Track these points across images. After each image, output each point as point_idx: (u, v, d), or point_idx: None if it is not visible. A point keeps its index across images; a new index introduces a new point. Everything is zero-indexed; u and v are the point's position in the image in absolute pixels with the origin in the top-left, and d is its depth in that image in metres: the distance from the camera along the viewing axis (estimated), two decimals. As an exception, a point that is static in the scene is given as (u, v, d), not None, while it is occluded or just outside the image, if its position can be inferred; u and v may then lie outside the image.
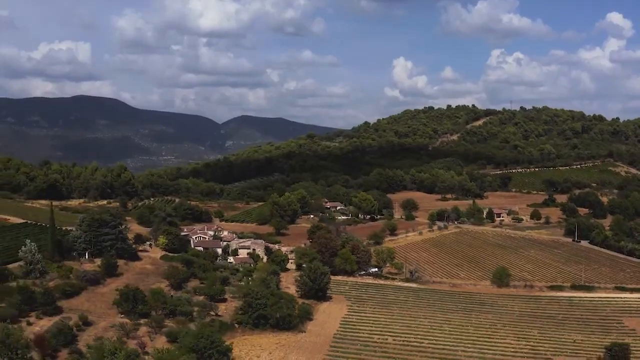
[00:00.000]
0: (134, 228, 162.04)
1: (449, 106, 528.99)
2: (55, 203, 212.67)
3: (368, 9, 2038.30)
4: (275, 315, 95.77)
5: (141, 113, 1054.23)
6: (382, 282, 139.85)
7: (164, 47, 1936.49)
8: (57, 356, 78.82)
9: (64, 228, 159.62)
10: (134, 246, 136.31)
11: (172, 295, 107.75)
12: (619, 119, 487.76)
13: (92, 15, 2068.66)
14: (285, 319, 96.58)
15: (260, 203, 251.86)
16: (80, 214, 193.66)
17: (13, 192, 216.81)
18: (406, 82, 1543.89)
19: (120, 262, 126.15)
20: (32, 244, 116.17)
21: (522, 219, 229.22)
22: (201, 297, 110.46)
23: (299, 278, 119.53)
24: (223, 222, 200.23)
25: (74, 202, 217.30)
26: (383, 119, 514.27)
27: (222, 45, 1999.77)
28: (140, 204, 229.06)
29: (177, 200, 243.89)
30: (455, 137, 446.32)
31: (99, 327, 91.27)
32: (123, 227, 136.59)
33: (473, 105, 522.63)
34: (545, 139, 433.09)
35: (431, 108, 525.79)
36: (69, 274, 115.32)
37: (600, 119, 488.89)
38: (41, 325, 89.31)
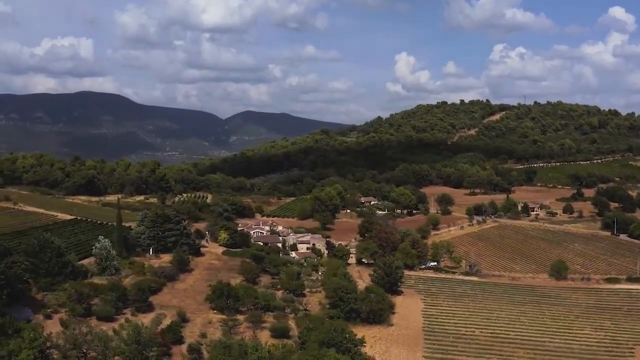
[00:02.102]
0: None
1: (462, 101, 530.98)
2: (94, 199, 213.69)
3: (371, 4, 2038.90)
4: (366, 309, 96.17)
5: (145, 109, 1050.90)
6: (443, 275, 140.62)
7: (167, 43, 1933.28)
8: (171, 354, 78.73)
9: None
10: (196, 242, 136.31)
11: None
12: (634, 114, 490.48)
13: (94, 11, 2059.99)
14: (376, 312, 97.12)
15: (292, 198, 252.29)
16: (125, 210, 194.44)
17: (50, 188, 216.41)
18: (408, 77, 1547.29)
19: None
20: (106, 240, 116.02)
21: (556, 213, 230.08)
22: (279, 292, 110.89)
23: (372, 272, 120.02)
24: (265, 217, 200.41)
25: (112, 198, 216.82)
26: (396, 113, 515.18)
27: (224, 41, 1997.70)
28: (176, 199, 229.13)
29: (209, 195, 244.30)
30: (472, 131, 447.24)
31: (197, 324, 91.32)
32: (186, 222, 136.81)
33: (487, 100, 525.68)
34: (563, 133, 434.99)
35: (444, 103, 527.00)
36: (144, 270, 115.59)
37: (616, 113, 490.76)
38: (141, 322, 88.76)
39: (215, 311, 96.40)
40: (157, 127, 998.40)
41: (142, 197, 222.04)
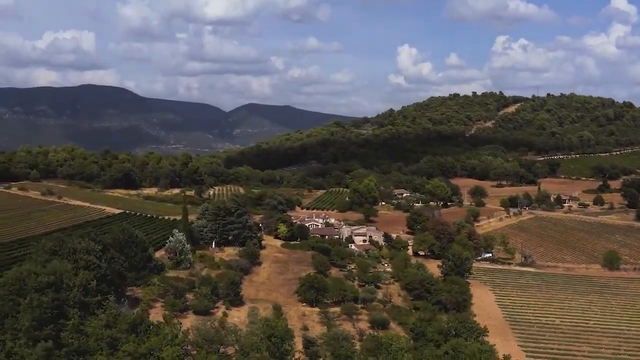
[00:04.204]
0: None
1: (474, 93, 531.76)
2: (132, 192, 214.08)
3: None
4: (452, 300, 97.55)
5: (149, 102, 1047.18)
6: (500, 266, 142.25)
7: (169, 35, 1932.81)
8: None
9: (169, 218, 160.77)
10: (258, 235, 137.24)
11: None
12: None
13: (96, 4, 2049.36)
14: (461, 303, 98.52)
15: (322, 191, 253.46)
16: (167, 203, 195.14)
17: (86, 181, 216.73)
18: (410, 69, 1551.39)
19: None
20: (181, 233, 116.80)
21: (587, 205, 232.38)
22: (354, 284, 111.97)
23: (440, 264, 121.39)
24: (304, 210, 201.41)
25: (148, 191, 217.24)
26: (408, 105, 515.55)
27: (227, 33, 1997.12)
28: (210, 191, 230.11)
29: (240, 188, 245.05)
30: (489, 124, 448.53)
31: (292, 316, 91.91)
32: (247, 215, 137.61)
33: (500, 92, 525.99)
34: (580, 125, 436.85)
35: (457, 95, 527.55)
36: (217, 263, 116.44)
37: (630, 105, 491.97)
38: (237, 316, 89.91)
39: (304, 304, 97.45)
40: (160, 119, 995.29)
41: (177, 190, 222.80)
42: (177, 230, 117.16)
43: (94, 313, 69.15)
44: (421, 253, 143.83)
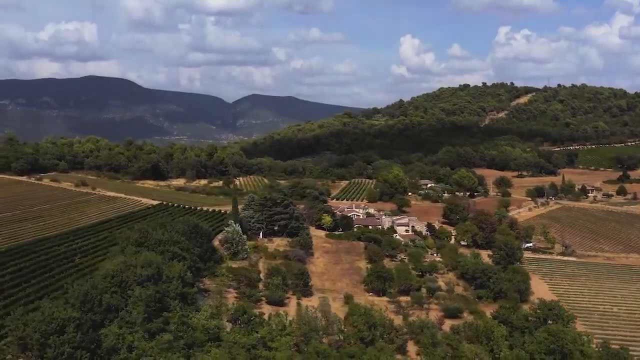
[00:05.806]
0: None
1: (484, 83, 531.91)
2: (162, 183, 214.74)
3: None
4: (515, 289, 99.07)
5: (152, 93, 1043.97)
6: (543, 256, 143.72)
7: (172, 26, 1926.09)
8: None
9: (207, 209, 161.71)
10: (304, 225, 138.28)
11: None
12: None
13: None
14: (523, 292, 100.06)
15: (346, 181, 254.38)
16: (199, 194, 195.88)
17: (114, 172, 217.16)
18: (413, 59, 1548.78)
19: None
20: (237, 224, 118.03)
21: (612, 195, 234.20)
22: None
23: (491, 253, 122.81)
24: (334, 200, 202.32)
25: (176, 182, 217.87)
26: (418, 96, 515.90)
27: (229, 24, 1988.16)
28: (237, 182, 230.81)
29: (265, 179, 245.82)
30: (502, 114, 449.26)
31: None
32: (294, 206, 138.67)
33: (511, 83, 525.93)
34: (593, 116, 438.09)
35: (467, 85, 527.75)
36: (273, 254, 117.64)
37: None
38: (310, 304, 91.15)
39: (370, 293, 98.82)
40: (164, 111, 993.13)
41: (205, 181, 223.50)
42: (232, 221, 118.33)
43: (193, 304, 70.45)
44: (463, 243, 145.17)
